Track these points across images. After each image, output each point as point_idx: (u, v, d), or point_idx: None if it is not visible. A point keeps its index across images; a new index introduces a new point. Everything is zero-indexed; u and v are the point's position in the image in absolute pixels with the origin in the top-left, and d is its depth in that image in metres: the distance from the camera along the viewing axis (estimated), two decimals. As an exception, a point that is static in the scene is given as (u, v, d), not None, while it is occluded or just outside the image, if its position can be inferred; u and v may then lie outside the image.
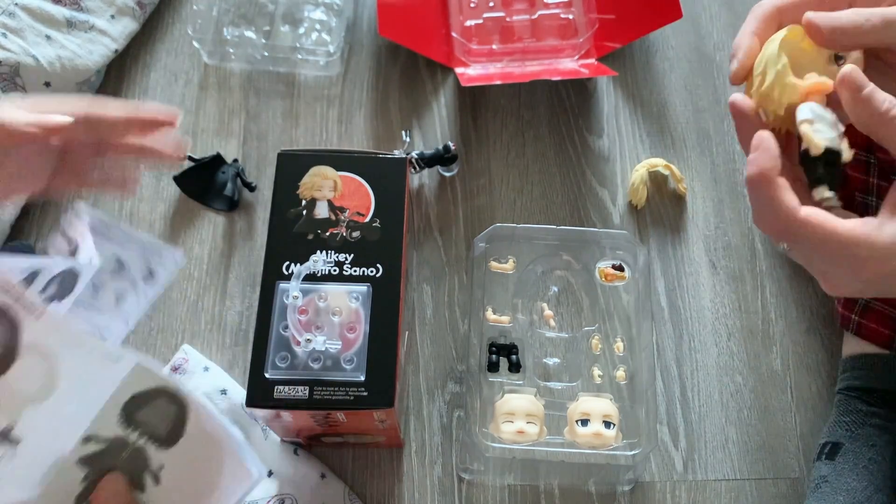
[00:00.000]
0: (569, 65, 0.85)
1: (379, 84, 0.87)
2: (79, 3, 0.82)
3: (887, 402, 0.67)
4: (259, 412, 0.60)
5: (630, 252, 0.73)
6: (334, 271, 0.63)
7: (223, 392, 0.70)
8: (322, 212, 0.66)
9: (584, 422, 0.64)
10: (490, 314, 0.71)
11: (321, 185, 0.67)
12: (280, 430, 0.66)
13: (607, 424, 0.64)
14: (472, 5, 0.87)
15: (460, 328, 0.75)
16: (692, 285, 0.78)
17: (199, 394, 0.51)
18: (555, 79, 0.84)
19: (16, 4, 0.77)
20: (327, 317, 0.61)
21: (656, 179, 0.82)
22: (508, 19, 0.86)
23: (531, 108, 0.86)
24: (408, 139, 0.82)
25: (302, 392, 0.58)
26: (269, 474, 0.68)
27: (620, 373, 0.69)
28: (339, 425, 0.63)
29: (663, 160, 0.82)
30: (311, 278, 0.63)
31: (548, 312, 0.72)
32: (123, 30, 0.84)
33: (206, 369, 0.72)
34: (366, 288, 0.62)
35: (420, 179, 0.82)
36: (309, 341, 0.59)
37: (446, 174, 0.82)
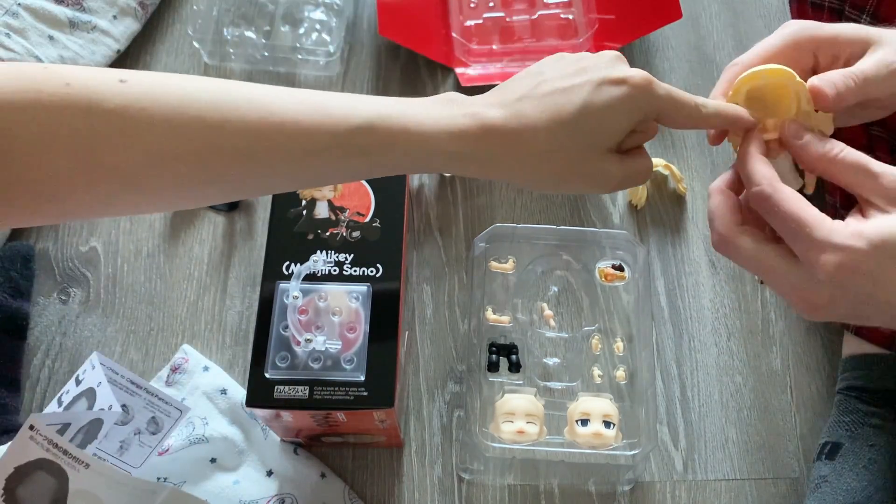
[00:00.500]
0: (569, 65, 0.85)
1: (379, 84, 0.87)
2: (81, 4, 0.82)
3: (887, 402, 0.67)
4: (259, 412, 0.60)
5: (630, 252, 0.73)
6: (334, 271, 0.63)
7: (223, 392, 0.70)
8: (322, 212, 0.66)
9: (584, 422, 0.64)
10: (490, 314, 0.71)
11: (321, 185, 0.67)
12: (280, 430, 0.67)
13: (607, 424, 0.64)
14: (472, 5, 0.87)
15: (460, 328, 0.75)
16: (692, 285, 0.78)
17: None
18: (555, 79, 0.84)
19: (19, 5, 0.78)
20: (327, 317, 0.61)
21: (656, 179, 0.82)
22: (508, 19, 0.86)
23: (531, 109, 0.86)
24: (408, 139, 0.82)
25: (302, 392, 0.58)
26: (269, 474, 0.68)
27: (620, 373, 0.69)
28: (339, 425, 0.63)
29: (663, 160, 0.82)
30: (311, 278, 0.63)
31: (548, 312, 0.73)
32: (125, 30, 0.85)
33: (206, 369, 0.72)
34: (366, 288, 0.62)
35: (420, 179, 0.82)
36: (309, 341, 0.60)
37: (446, 174, 0.82)
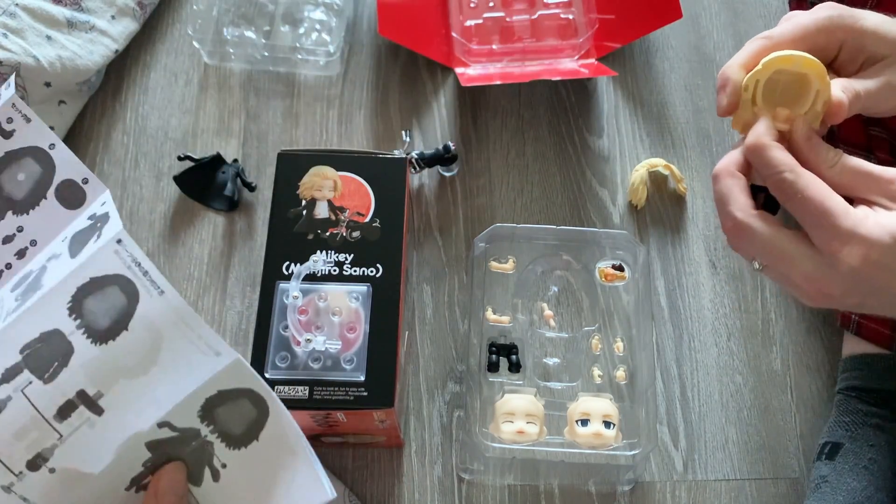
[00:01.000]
0: (569, 65, 0.85)
1: (379, 84, 0.87)
2: (79, 4, 0.82)
3: (887, 402, 0.67)
4: (259, 412, 0.60)
5: (630, 252, 0.73)
6: (334, 271, 0.63)
7: (223, 392, 0.70)
8: (322, 212, 0.66)
9: (584, 422, 0.64)
10: (490, 314, 0.71)
11: (321, 185, 0.67)
12: (280, 430, 0.66)
13: (607, 424, 0.64)
14: (472, 5, 0.87)
15: (460, 328, 0.75)
16: (692, 285, 0.78)
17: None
18: (555, 79, 0.84)
19: (16, 5, 0.77)
20: (327, 317, 0.61)
21: (656, 179, 0.82)
22: (508, 19, 0.86)
23: (531, 108, 0.86)
24: (408, 139, 0.82)
25: (302, 392, 0.58)
26: (270, 474, 0.68)
27: (620, 373, 0.69)
28: (339, 425, 0.63)
29: (663, 160, 0.82)
30: (311, 278, 0.63)
31: (548, 312, 0.73)
32: (124, 30, 0.85)
33: (206, 369, 0.71)
34: (366, 288, 0.62)
35: (420, 179, 0.82)
36: (309, 341, 0.60)
37: (446, 174, 0.82)
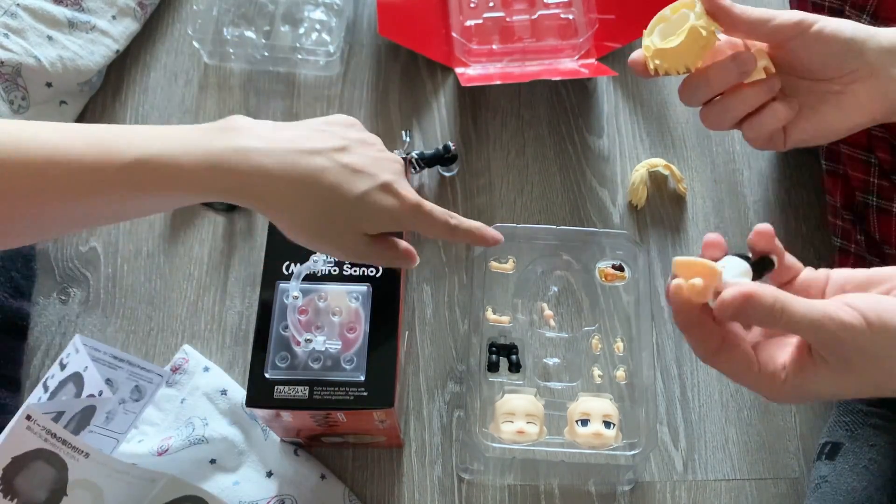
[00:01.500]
0: (569, 65, 0.85)
1: (379, 84, 0.87)
2: (80, 4, 0.82)
3: (887, 402, 0.67)
4: (259, 412, 0.60)
5: (630, 252, 0.73)
6: (334, 271, 0.63)
7: (223, 392, 0.70)
8: (322, 212, 0.66)
9: (584, 422, 0.64)
10: (490, 314, 0.71)
11: (321, 185, 0.67)
12: (280, 430, 0.66)
13: (607, 424, 0.64)
14: (472, 5, 0.87)
15: (460, 328, 0.75)
16: (692, 285, 0.78)
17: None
18: (555, 79, 0.84)
19: (17, 5, 0.77)
20: (327, 317, 0.61)
21: (656, 179, 0.82)
22: (508, 19, 0.86)
23: (531, 108, 0.86)
24: (408, 139, 0.82)
25: (302, 392, 0.58)
26: (269, 475, 0.68)
27: (620, 373, 0.69)
28: (339, 425, 0.63)
29: (663, 160, 0.82)
30: (310, 278, 0.63)
31: (548, 312, 0.72)
32: (124, 30, 0.85)
33: (206, 369, 0.72)
34: (366, 288, 0.62)
35: (420, 179, 0.82)
36: (309, 341, 0.59)
37: (446, 174, 0.82)
